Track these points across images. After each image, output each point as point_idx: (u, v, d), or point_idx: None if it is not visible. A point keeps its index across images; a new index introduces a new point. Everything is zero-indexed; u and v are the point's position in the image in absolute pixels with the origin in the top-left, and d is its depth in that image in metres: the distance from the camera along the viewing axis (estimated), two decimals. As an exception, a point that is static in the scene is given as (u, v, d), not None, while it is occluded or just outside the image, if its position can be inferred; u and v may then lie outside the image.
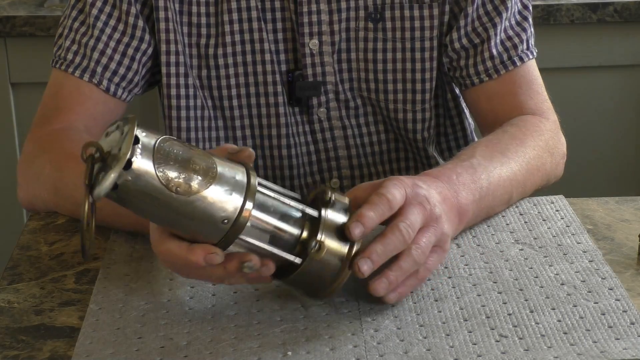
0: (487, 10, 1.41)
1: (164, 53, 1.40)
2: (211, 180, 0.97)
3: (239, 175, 0.99)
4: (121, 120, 0.97)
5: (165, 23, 1.39)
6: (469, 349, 0.99)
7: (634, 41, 2.41)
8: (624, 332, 1.01)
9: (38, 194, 1.31)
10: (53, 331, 1.04)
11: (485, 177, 1.21)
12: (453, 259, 1.16)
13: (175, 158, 0.96)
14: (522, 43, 1.42)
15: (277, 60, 1.42)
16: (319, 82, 1.43)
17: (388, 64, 1.43)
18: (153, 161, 0.95)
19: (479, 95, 1.43)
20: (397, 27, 1.42)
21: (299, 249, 1.02)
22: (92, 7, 1.39)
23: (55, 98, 1.40)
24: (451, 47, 1.42)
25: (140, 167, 0.94)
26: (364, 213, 1.03)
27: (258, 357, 0.99)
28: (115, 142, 0.95)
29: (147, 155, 0.94)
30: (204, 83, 1.43)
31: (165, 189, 0.95)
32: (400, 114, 1.44)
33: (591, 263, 1.14)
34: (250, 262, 0.99)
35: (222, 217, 0.97)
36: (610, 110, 2.48)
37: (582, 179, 2.46)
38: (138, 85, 1.42)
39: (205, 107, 1.43)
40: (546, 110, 1.42)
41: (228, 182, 0.98)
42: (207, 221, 0.97)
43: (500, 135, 1.32)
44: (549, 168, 1.34)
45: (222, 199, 0.97)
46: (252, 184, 0.99)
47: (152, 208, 0.97)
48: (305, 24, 1.41)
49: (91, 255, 0.97)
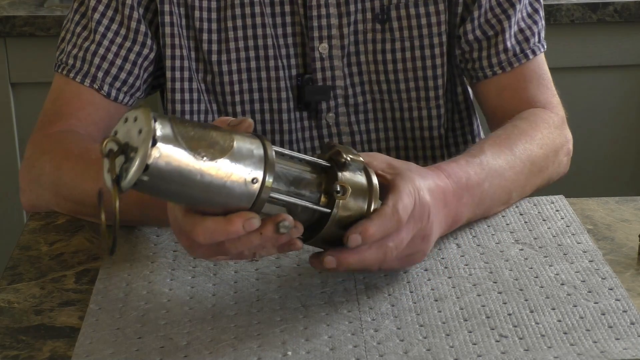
0: (500, 1, 1.41)
1: (169, 58, 1.40)
2: (231, 143, 0.96)
3: (252, 137, 0.99)
4: (125, 114, 0.96)
5: (170, 28, 1.39)
6: (469, 349, 0.99)
7: (634, 41, 2.41)
8: (624, 332, 1.01)
9: (40, 195, 1.31)
10: (53, 331, 1.04)
11: (489, 181, 1.21)
12: (453, 259, 1.16)
13: (192, 129, 0.95)
14: (534, 36, 1.42)
15: (286, 65, 1.42)
16: (329, 86, 1.42)
17: (398, 64, 1.43)
18: (174, 134, 0.93)
19: (490, 89, 1.43)
20: (405, 26, 1.42)
21: (324, 201, 1.03)
22: (94, 12, 1.39)
23: (56, 103, 1.40)
24: (464, 38, 1.42)
25: (166, 141, 0.92)
26: (368, 229, 1.03)
27: (258, 357, 0.99)
28: (130, 133, 0.94)
29: (167, 130, 0.93)
30: (209, 88, 1.43)
31: (193, 157, 0.94)
32: (415, 112, 1.44)
33: (591, 263, 1.14)
34: (284, 220, 0.98)
35: (251, 176, 0.97)
36: (610, 110, 2.48)
37: (582, 179, 2.46)
38: (140, 90, 1.42)
39: (209, 112, 1.43)
40: (556, 105, 1.41)
41: (246, 143, 0.97)
42: (237, 184, 0.96)
43: (510, 130, 1.31)
44: (552, 168, 1.33)
45: (247, 157, 0.97)
46: (268, 140, 0.99)
47: (183, 184, 0.95)
48: (315, 28, 1.40)
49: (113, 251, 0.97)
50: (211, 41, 1.41)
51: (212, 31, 1.40)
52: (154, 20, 1.40)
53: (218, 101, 1.43)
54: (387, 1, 1.41)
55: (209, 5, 1.40)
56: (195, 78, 1.42)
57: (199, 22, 1.40)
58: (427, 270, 1.13)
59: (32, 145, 1.37)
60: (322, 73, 1.42)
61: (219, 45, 1.41)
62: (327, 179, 1.04)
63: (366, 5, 1.41)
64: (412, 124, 1.45)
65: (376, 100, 1.45)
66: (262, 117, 1.43)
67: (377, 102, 1.45)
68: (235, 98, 1.42)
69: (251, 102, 1.42)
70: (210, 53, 1.41)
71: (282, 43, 1.42)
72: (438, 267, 1.14)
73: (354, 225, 1.03)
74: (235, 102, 1.42)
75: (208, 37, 1.40)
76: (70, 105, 1.39)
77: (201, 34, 1.40)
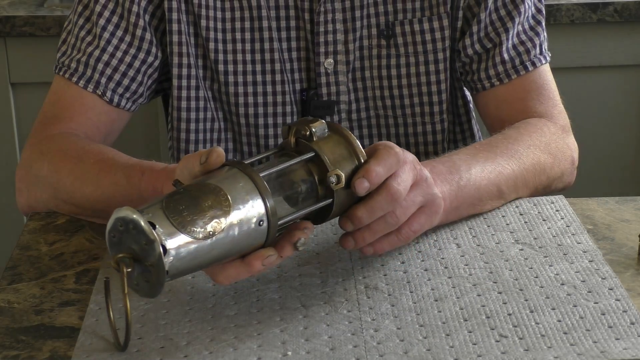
0: (500, 15, 1.41)
1: (176, 65, 1.40)
2: (227, 205, 0.98)
3: (242, 181, 1.00)
4: (118, 219, 0.96)
5: (177, 36, 1.39)
6: (469, 349, 0.99)
7: (634, 41, 2.41)
8: (624, 332, 1.01)
9: (38, 197, 1.31)
10: (53, 331, 1.04)
11: (465, 169, 1.21)
12: (453, 259, 1.16)
13: (187, 211, 0.96)
14: (535, 48, 1.42)
15: (291, 79, 1.42)
16: (333, 101, 1.43)
17: (403, 79, 1.43)
18: (175, 227, 0.95)
19: (489, 100, 1.43)
20: (409, 41, 1.42)
21: (322, 192, 1.05)
22: (99, 17, 1.38)
23: (56, 106, 1.40)
24: (464, 52, 1.42)
25: (172, 240, 0.95)
26: (370, 168, 1.04)
27: (258, 357, 0.99)
28: (134, 240, 0.95)
29: (168, 228, 0.95)
30: (216, 96, 1.43)
31: (204, 242, 0.96)
32: (419, 127, 1.45)
33: (591, 263, 1.14)
34: (300, 239, 1.01)
35: (257, 221, 0.99)
36: (610, 110, 2.48)
37: (582, 179, 2.46)
38: (143, 96, 1.41)
39: (215, 120, 1.43)
40: (556, 115, 1.41)
41: (240, 194, 0.99)
42: (247, 236, 0.99)
43: (495, 136, 1.32)
44: (549, 168, 1.33)
45: (248, 211, 0.98)
46: (256, 179, 1.00)
47: (200, 264, 0.98)
48: (321, 43, 1.40)
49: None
50: (218, 50, 1.40)
51: (219, 41, 1.40)
52: (160, 26, 1.40)
53: (224, 110, 1.43)
54: (392, 17, 1.41)
55: (216, 15, 1.40)
56: (202, 86, 1.42)
57: (206, 31, 1.40)
58: (427, 270, 1.13)
59: (30, 146, 1.36)
60: (327, 88, 1.42)
61: (226, 56, 1.41)
62: (316, 168, 1.05)
63: (372, 21, 1.41)
64: (417, 139, 1.46)
65: (380, 116, 1.45)
66: (267, 131, 1.43)
67: (381, 118, 1.45)
68: (240, 109, 1.42)
69: (256, 115, 1.42)
70: (217, 63, 1.41)
71: (288, 57, 1.42)
72: (438, 267, 1.14)
73: (356, 173, 1.04)
74: (240, 113, 1.42)
75: (215, 47, 1.40)
76: (70, 109, 1.38)
77: (208, 43, 1.40)
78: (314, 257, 1.17)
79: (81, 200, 1.25)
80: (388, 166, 1.05)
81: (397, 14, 1.41)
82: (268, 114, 1.42)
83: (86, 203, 1.25)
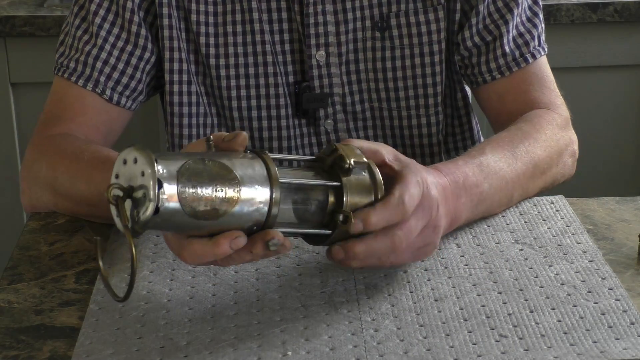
0: (498, 7, 1.40)
1: (168, 60, 1.40)
2: (235, 200, 0.97)
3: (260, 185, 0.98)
4: (134, 147, 0.96)
5: (169, 31, 1.39)
6: (469, 349, 0.99)
7: (634, 41, 2.41)
8: (624, 332, 1.01)
9: (39, 196, 1.31)
10: (53, 331, 1.04)
11: (488, 182, 1.20)
12: (453, 259, 1.16)
13: (198, 182, 0.95)
14: (534, 40, 1.42)
15: (284, 72, 1.42)
16: (326, 93, 1.42)
17: (398, 72, 1.43)
18: (179, 200, 0.94)
19: (491, 93, 1.43)
20: (404, 34, 1.42)
21: (327, 220, 1.04)
22: (95, 16, 1.38)
23: (57, 106, 1.40)
24: (463, 45, 1.42)
25: (168, 210, 0.94)
26: (370, 216, 1.03)
27: (258, 357, 0.99)
28: (132, 175, 0.94)
29: (171, 169, 0.94)
30: (208, 91, 1.43)
31: (194, 220, 0.95)
32: (414, 120, 1.44)
33: (591, 263, 1.14)
34: (273, 238, 0.99)
35: (253, 223, 0.98)
36: (610, 110, 2.48)
37: (582, 179, 2.46)
38: (142, 93, 1.41)
39: (208, 115, 1.43)
40: (560, 105, 1.41)
41: (251, 197, 0.98)
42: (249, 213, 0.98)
43: (513, 132, 1.31)
44: (556, 170, 1.33)
45: (250, 213, 0.98)
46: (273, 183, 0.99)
47: (182, 232, 0.98)
48: (312, 35, 1.40)
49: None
50: (209, 45, 1.40)
51: (210, 35, 1.40)
52: (155, 23, 1.40)
53: (217, 105, 1.43)
54: (386, 9, 1.41)
55: (206, 9, 1.40)
56: (195, 81, 1.42)
57: (197, 25, 1.40)
58: (427, 270, 1.13)
59: (31, 147, 1.37)
60: (320, 80, 1.42)
61: (217, 50, 1.41)
62: (334, 195, 1.04)
63: (365, 13, 1.41)
64: (411, 132, 1.45)
65: (375, 108, 1.45)
66: (260, 124, 1.43)
67: (375, 110, 1.45)
68: (233, 103, 1.42)
69: (249, 108, 1.42)
70: (208, 57, 1.41)
71: (280, 50, 1.41)
72: (438, 267, 1.14)
73: (357, 212, 1.03)
74: (233, 107, 1.42)
75: (206, 41, 1.40)
76: (71, 109, 1.38)
77: (199, 37, 1.40)
78: (314, 257, 1.17)
79: (76, 196, 1.26)
80: (390, 218, 1.04)
81: (392, 5, 1.41)
82: (261, 107, 1.42)
83: (81, 199, 1.25)
